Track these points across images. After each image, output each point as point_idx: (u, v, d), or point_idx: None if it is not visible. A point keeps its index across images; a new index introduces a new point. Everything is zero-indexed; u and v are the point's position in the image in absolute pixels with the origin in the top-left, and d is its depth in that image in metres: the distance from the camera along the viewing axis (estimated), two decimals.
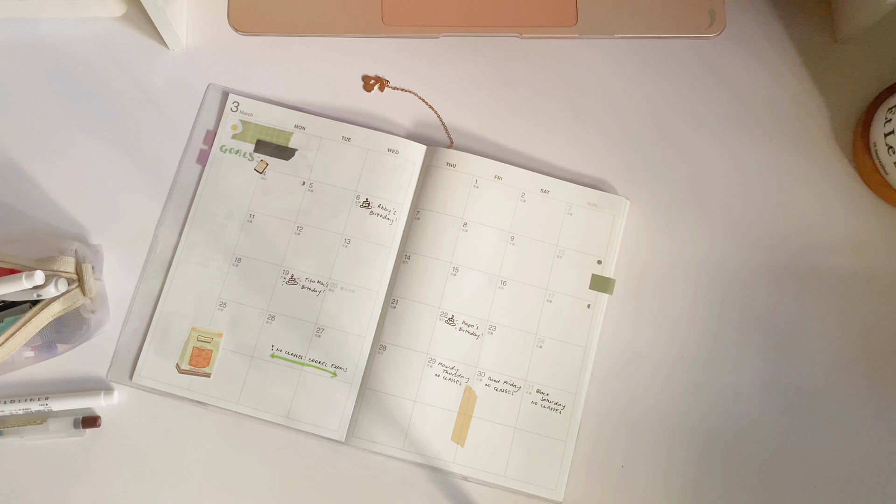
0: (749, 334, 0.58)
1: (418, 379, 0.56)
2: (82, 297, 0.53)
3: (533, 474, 0.55)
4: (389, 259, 0.58)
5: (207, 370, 0.56)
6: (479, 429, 0.55)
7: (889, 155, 0.56)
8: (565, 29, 0.62)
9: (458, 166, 0.59)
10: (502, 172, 0.59)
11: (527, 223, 0.58)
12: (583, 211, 0.59)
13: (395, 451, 0.55)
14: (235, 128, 0.60)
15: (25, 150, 0.60)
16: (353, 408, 0.56)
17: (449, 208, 0.58)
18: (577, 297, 0.57)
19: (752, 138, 0.61)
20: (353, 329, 0.57)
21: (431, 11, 0.62)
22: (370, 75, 0.62)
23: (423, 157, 0.60)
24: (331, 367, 0.56)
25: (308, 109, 0.61)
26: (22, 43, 0.62)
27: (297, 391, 0.56)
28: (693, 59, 0.62)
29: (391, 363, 0.56)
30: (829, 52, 0.62)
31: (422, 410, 0.55)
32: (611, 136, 0.61)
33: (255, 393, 0.56)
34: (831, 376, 0.57)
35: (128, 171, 0.60)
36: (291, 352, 0.56)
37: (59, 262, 0.53)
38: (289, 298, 0.57)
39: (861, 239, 0.60)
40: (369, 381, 0.56)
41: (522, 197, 0.59)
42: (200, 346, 0.56)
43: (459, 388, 0.56)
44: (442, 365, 0.56)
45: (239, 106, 0.60)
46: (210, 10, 0.63)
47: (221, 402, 0.55)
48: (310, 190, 0.59)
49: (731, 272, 0.59)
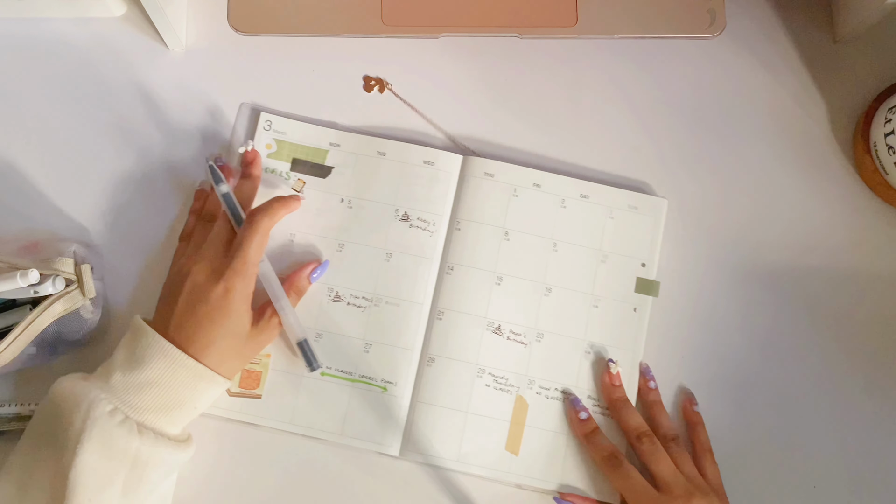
0: (749, 334, 0.58)
1: (469, 390, 0.56)
2: (82, 298, 0.54)
3: (589, 480, 0.55)
4: (432, 271, 0.58)
5: (258, 391, 0.56)
6: (532, 437, 0.56)
7: (889, 155, 0.56)
8: (565, 29, 0.62)
9: (495, 176, 0.59)
10: (541, 180, 0.59)
11: (569, 229, 0.58)
12: (624, 214, 0.59)
13: (449, 462, 0.55)
14: (270, 147, 0.60)
15: (24, 149, 0.60)
16: (406, 421, 0.56)
17: (489, 218, 0.58)
18: (623, 301, 0.58)
19: (751, 138, 0.61)
20: (400, 343, 0.57)
21: (431, 11, 0.62)
22: (371, 76, 0.62)
23: (460, 167, 0.60)
24: (381, 381, 0.56)
25: (342, 126, 0.61)
26: (22, 43, 0.62)
27: (349, 408, 0.56)
28: (693, 60, 0.62)
29: (441, 375, 0.56)
30: (829, 52, 0.63)
31: (474, 421, 0.56)
32: (610, 136, 0.61)
33: (307, 412, 0.56)
34: (831, 376, 0.58)
35: (128, 172, 0.60)
36: (341, 368, 0.56)
37: (58, 262, 0.53)
38: (335, 315, 0.57)
39: (861, 239, 0.60)
40: (420, 394, 0.56)
41: (563, 203, 0.59)
42: (250, 367, 0.56)
43: (510, 397, 0.56)
44: (492, 375, 0.56)
45: (272, 124, 0.60)
46: (210, 10, 0.63)
47: (274, 422, 0.56)
48: (349, 206, 0.59)
49: (729, 271, 0.59)
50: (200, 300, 0.51)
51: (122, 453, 0.47)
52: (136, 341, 0.50)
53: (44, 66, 0.61)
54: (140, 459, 0.47)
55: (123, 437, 0.47)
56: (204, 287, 0.51)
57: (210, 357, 0.50)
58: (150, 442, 0.48)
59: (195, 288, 0.51)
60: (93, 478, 0.45)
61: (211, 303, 0.50)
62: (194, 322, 0.50)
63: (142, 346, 0.50)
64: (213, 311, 0.50)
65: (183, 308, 0.51)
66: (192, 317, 0.50)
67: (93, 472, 0.45)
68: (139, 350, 0.49)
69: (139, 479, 0.48)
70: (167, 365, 0.49)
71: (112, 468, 0.46)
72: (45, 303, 0.51)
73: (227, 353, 0.51)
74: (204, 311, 0.50)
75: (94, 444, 0.46)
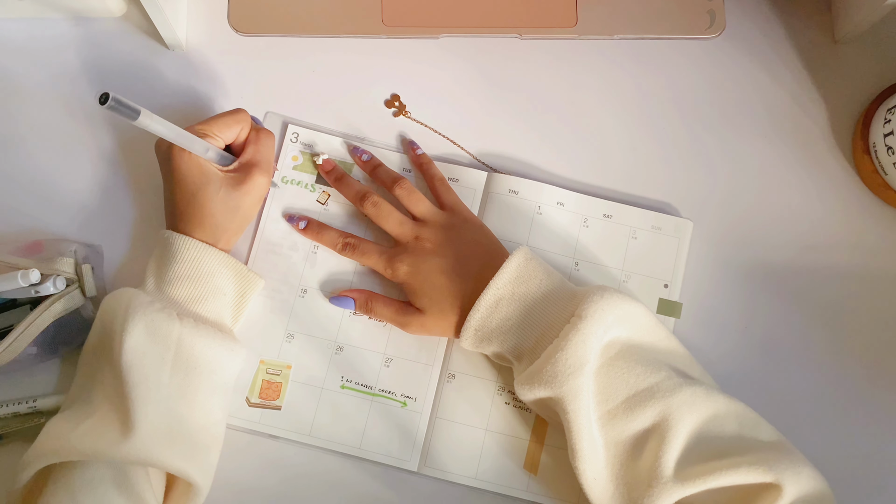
0: (748, 332, 0.58)
1: (489, 407, 0.56)
2: (82, 298, 0.54)
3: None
4: None
5: (278, 403, 0.56)
6: (551, 456, 0.55)
7: (888, 155, 0.57)
8: (565, 29, 0.62)
9: (520, 193, 0.59)
10: (564, 198, 0.59)
11: (591, 249, 0.59)
12: (647, 235, 0.59)
13: (468, 479, 0.55)
14: (296, 159, 0.60)
15: (25, 149, 0.60)
16: (425, 437, 0.56)
17: (513, 235, 0.58)
18: None
19: (751, 139, 0.61)
20: (421, 358, 0.57)
21: (431, 12, 0.62)
22: (393, 99, 0.62)
23: (484, 183, 0.60)
24: (401, 396, 0.56)
25: (369, 142, 0.61)
26: (22, 42, 0.62)
27: (369, 422, 0.56)
28: (693, 60, 0.63)
29: (461, 391, 0.56)
30: (829, 52, 0.63)
31: (493, 439, 0.56)
32: (610, 137, 0.61)
33: (327, 424, 0.56)
34: (831, 376, 0.58)
35: (129, 171, 0.60)
36: (361, 382, 0.56)
37: (58, 262, 0.54)
38: (356, 330, 0.57)
39: (861, 239, 0.60)
40: (440, 410, 0.56)
41: (585, 223, 0.59)
42: (270, 378, 0.56)
43: (530, 415, 0.56)
44: (511, 393, 0.56)
45: (299, 137, 0.61)
46: (210, 10, 0.63)
47: (293, 434, 0.56)
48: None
49: (728, 271, 0.59)
50: (175, 184, 0.54)
51: (165, 337, 0.50)
52: (160, 248, 0.54)
53: (44, 66, 0.62)
54: (184, 345, 0.50)
55: (165, 322, 0.50)
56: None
57: (205, 231, 0.53)
58: (190, 327, 0.51)
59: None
60: (143, 360, 0.48)
61: (176, 177, 0.53)
62: (181, 207, 0.53)
63: (161, 247, 0.54)
64: (178, 184, 0.53)
65: (170, 201, 0.55)
66: (178, 204, 0.54)
67: (142, 355, 0.48)
68: (167, 253, 0.53)
69: (187, 369, 0.50)
70: (189, 252, 0.53)
71: (158, 352, 0.49)
72: (45, 303, 0.52)
73: (215, 219, 0.54)
74: (178, 191, 0.53)
75: (138, 327, 0.49)
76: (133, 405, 0.47)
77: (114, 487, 0.47)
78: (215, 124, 0.55)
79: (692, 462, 0.48)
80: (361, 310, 0.56)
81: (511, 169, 0.61)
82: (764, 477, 0.47)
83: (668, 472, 0.48)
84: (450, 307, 0.54)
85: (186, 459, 0.48)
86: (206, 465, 0.50)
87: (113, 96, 0.44)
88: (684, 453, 0.48)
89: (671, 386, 0.49)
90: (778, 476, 0.46)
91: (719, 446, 0.49)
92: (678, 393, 0.49)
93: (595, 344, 0.49)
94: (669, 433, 0.48)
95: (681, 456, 0.48)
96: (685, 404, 0.49)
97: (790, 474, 0.47)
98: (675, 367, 0.51)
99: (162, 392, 0.49)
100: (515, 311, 0.52)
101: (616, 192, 0.60)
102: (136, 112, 0.46)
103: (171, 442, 0.48)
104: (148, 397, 0.48)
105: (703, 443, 0.49)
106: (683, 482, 0.47)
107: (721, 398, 0.50)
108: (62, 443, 0.47)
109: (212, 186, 0.53)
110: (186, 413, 0.50)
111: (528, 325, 0.51)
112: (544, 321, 0.51)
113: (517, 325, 0.52)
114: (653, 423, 0.49)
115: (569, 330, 0.49)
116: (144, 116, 0.47)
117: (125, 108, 0.45)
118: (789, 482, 0.46)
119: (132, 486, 0.47)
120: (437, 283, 0.54)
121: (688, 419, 0.49)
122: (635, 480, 0.49)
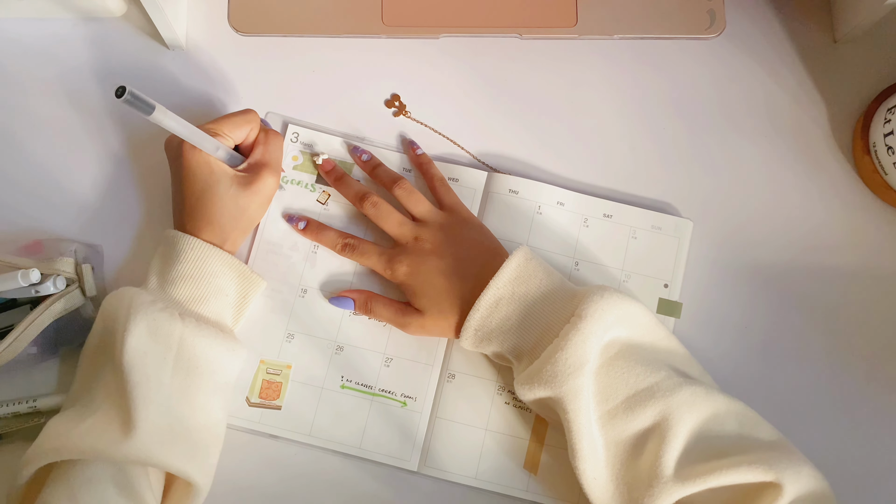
0: (749, 333, 0.58)
1: (489, 407, 0.56)
2: (82, 298, 0.54)
3: None
4: None
5: (278, 402, 0.56)
6: (551, 456, 0.55)
7: (889, 155, 0.57)
8: (565, 29, 0.62)
9: (520, 193, 0.59)
10: (564, 198, 0.59)
11: (591, 248, 0.59)
12: (647, 234, 0.59)
13: (467, 479, 0.55)
14: (296, 158, 0.60)
15: (25, 149, 0.60)
16: (425, 437, 0.56)
17: (513, 235, 0.59)
18: None
19: (751, 139, 0.61)
20: (420, 358, 0.57)
21: (431, 12, 0.62)
22: (394, 99, 0.62)
23: (484, 183, 0.60)
24: (401, 396, 0.56)
25: (368, 142, 0.61)
26: (22, 43, 0.62)
27: (369, 421, 0.56)
28: (693, 60, 0.63)
29: (461, 391, 0.56)
30: (829, 52, 0.63)
31: (493, 438, 0.56)
32: (609, 137, 0.61)
33: (327, 424, 0.56)
34: (831, 376, 0.58)
35: (129, 171, 0.60)
36: (361, 382, 0.56)
37: (58, 262, 0.54)
38: (357, 330, 0.57)
39: (861, 239, 0.60)
40: (440, 410, 0.56)
41: (585, 222, 0.59)
42: (270, 378, 0.56)
43: (530, 415, 0.56)
44: (511, 392, 0.56)
45: (299, 137, 0.61)
46: (210, 10, 0.63)
47: (293, 434, 0.56)
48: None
49: (728, 270, 0.59)
50: (184, 182, 0.53)
51: (167, 337, 0.50)
52: (164, 246, 0.54)
53: (44, 66, 0.62)
54: (185, 345, 0.50)
55: (167, 322, 0.50)
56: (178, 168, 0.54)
57: (213, 231, 0.53)
58: (192, 327, 0.51)
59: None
60: (144, 360, 0.48)
61: (186, 175, 0.53)
62: (190, 205, 0.53)
63: (165, 246, 0.54)
64: (188, 182, 0.53)
65: (178, 199, 0.55)
66: (187, 201, 0.53)
67: (144, 355, 0.48)
68: (171, 252, 0.53)
69: (188, 369, 0.50)
70: (193, 252, 0.53)
71: (160, 352, 0.49)
72: (45, 302, 0.52)
73: (223, 219, 0.53)
74: (187, 189, 0.53)
75: (140, 327, 0.49)
76: (134, 405, 0.47)
77: (113, 486, 0.47)
78: (226, 124, 0.55)
79: (692, 461, 0.48)
80: (361, 310, 0.56)
81: (511, 169, 0.61)
82: (764, 476, 0.47)
83: (669, 472, 0.48)
84: (449, 308, 0.54)
85: (187, 459, 0.48)
86: (207, 465, 0.50)
87: (129, 90, 0.44)
88: (684, 453, 0.48)
89: (671, 385, 0.49)
90: (778, 475, 0.46)
91: (719, 446, 0.49)
92: (678, 392, 0.49)
93: (595, 344, 0.49)
94: (669, 433, 0.48)
95: (681, 455, 0.48)
96: (685, 404, 0.49)
97: (790, 473, 0.47)
98: (675, 366, 0.51)
99: (163, 392, 0.49)
100: (515, 310, 0.52)
101: (616, 191, 0.60)
102: (151, 107, 0.46)
103: (172, 442, 0.48)
104: (149, 397, 0.48)
105: (704, 442, 0.49)
106: (683, 482, 0.47)
107: (721, 398, 0.50)
108: (63, 441, 0.47)
109: (222, 185, 0.53)
110: (187, 413, 0.50)
111: (528, 324, 0.51)
112: (544, 321, 0.51)
113: (517, 324, 0.52)
114: (653, 423, 0.49)
115: (569, 330, 0.49)
116: (159, 112, 0.47)
117: (140, 103, 0.45)
118: (789, 481, 0.46)
119: (132, 485, 0.47)
120: (436, 284, 0.54)
121: (688, 419, 0.49)
122: (635, 480, 0.49)
